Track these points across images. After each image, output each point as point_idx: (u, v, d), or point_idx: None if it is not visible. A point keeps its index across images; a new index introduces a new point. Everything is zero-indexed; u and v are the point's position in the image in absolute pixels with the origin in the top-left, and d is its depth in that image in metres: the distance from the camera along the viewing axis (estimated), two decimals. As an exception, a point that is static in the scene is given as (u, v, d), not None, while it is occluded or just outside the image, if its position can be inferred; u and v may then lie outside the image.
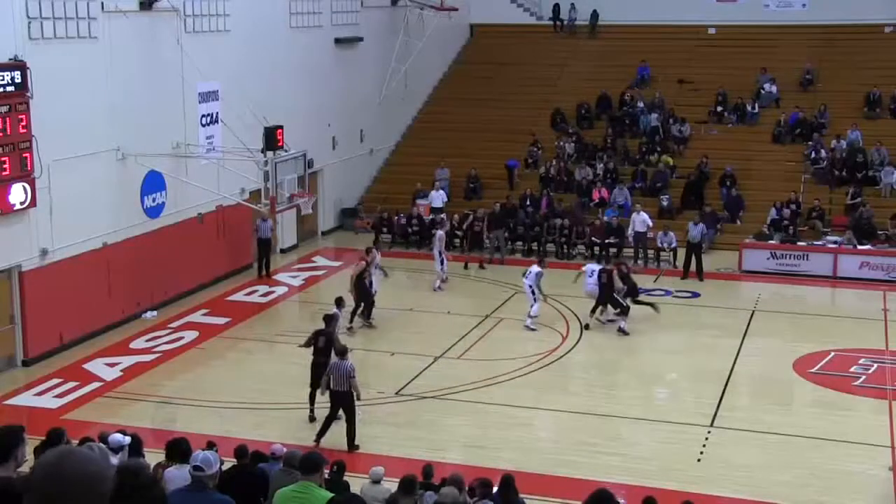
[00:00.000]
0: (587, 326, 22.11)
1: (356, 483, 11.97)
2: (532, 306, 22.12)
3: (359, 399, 16.15)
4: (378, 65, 33.32)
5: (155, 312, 22.91)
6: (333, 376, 15.87)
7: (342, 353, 16.08)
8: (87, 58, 20.72)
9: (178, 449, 10.03)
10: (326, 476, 9.93)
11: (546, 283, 22.39)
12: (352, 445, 15.92)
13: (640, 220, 27.34)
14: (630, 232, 27.68)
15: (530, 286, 22.18)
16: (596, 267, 23.30)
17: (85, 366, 19.80)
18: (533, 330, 22.01)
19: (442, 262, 25.31)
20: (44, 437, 9.67)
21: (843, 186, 30.11)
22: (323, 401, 16.57)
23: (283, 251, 28.70)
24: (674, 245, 27.50)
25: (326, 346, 16.95)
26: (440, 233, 25.83)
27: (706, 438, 16.55)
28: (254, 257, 26.69)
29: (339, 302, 19.61)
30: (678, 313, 23.71)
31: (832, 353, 20.66)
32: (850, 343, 21.29)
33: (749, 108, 33.70)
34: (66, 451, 3.25)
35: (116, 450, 9.71)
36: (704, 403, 18.06)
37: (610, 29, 38.61)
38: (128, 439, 10.60)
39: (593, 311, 22.25)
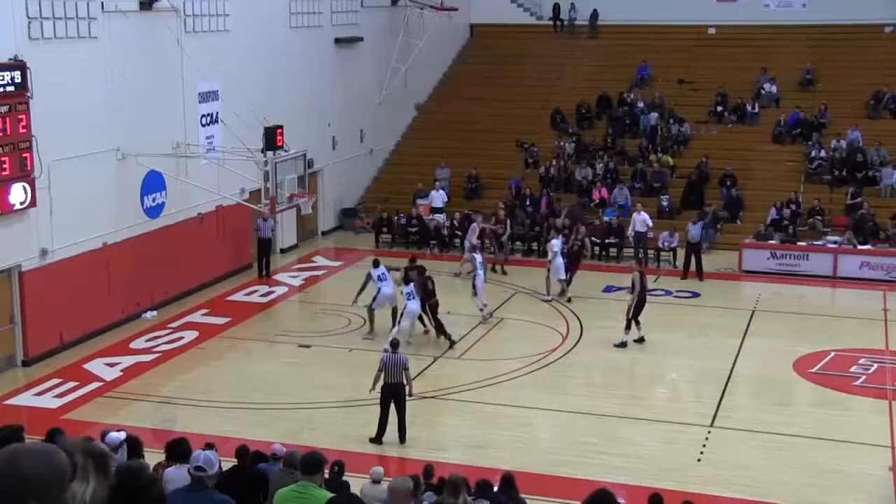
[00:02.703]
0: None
1: (356, 483, 11.96)
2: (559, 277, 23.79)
3: (410, 394, 16.27)
4: (378, 65, 33.31)
5: (155, 312, 22.90)
6: (388, 369, 16.00)
7: (395, 345, 16.55)
8: (86, 58, 20.71)
9: (178, 449, 10.00)
10: (326, 476, 9.92)
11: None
12: (404, 438, 16.05)
13: (641, 219, 27.30)
14: (630, 232, 27.66)
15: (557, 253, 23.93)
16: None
17: (85, 366, 19.78)
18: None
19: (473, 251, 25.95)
20: (44, 437, 9.65)
21: (843, 186, 30.11)
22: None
23: (282, 251, 28.69)
24: (674, 245, 27.49)
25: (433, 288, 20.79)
26: (474, 224, 26.57)
27: (706, 438, 16.54)
28: (254, 257, 26.70)
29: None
30: (678, 313, 23.72)
31: (832, 353, 20.65)
32: (850, 343, 21.29)
33: (749, 108, 33.67)
34: (18, 447, 3.26)
35: (114, 448, 9.67)
36: (704, 403, 18.06)
37: (610, 29, 38.59)
38: (123, 434, 10.58)
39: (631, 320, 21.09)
